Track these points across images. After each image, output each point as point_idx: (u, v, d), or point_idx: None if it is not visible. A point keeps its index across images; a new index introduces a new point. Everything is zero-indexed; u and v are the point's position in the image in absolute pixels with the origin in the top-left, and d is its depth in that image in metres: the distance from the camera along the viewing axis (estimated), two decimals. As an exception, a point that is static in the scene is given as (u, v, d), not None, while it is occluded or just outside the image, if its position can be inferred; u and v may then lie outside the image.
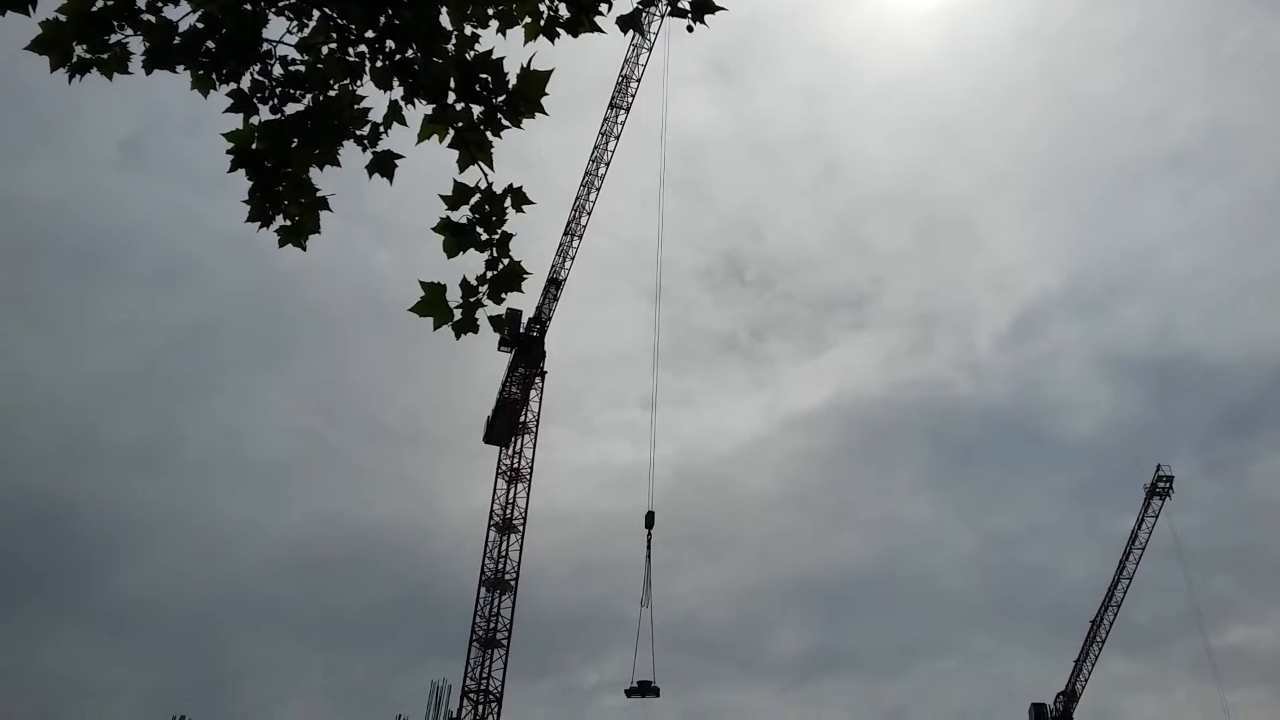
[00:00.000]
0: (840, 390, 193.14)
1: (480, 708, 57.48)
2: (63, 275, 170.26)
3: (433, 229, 5.73)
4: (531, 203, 5.83)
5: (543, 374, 68.17)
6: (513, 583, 61.63)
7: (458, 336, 5.72)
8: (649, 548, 54.31)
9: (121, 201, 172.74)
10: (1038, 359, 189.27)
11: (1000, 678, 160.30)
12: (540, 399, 67.85)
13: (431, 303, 5.67)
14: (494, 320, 5.81)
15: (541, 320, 67.76)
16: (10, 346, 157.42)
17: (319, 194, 5.85)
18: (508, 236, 5.78)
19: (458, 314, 5.73)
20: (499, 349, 67.19)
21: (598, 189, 66.75)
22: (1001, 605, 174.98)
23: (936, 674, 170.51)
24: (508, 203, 5.76)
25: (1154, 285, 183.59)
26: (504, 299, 5.81)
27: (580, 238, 66.63)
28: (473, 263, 5.75)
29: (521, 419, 66.99)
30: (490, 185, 5.72)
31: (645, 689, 43.04)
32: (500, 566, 61.77)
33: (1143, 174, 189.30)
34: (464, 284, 5.69)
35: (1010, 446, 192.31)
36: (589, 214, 66.96)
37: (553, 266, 66.87)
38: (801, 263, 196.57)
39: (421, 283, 5.64)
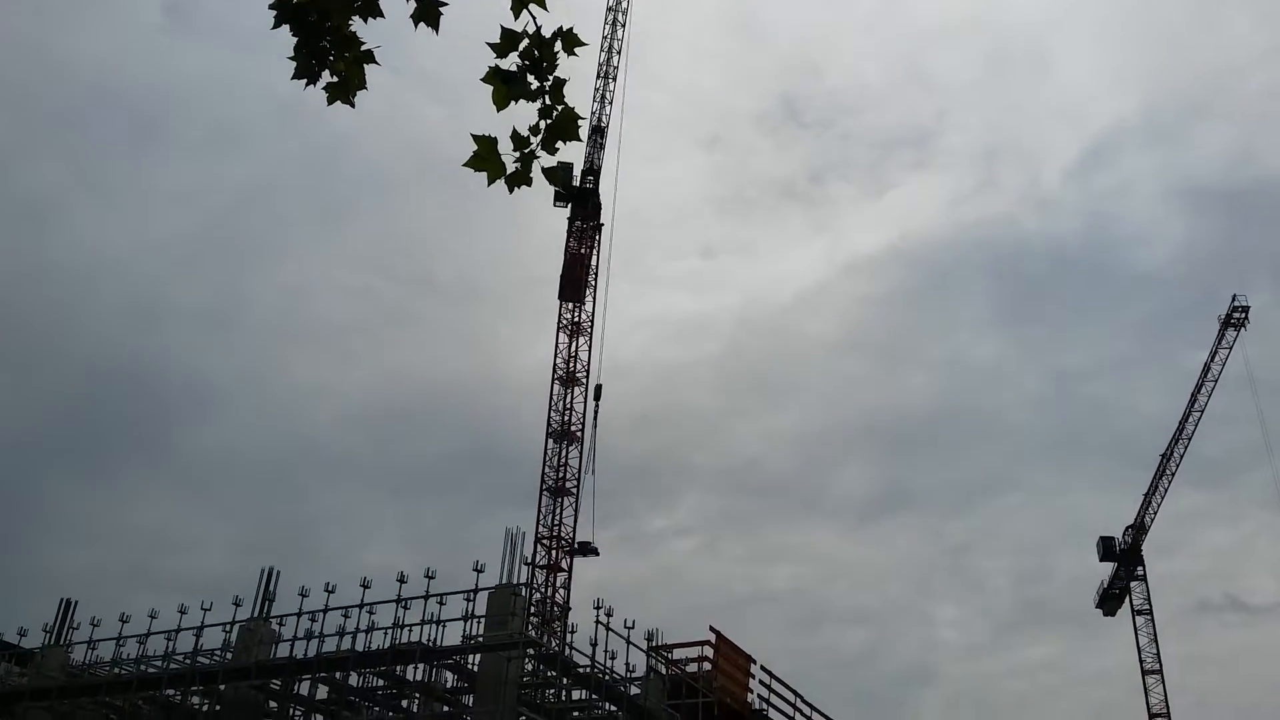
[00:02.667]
0: (903, 232, 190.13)
1: (553, 553, 59.41)
2: (118, 142, 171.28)
3: (481, 79, 5.49)
4: (584, 44, 5.59)
5: (599, 227, 67.86)
6: (578, 433, 62.82)
7: (511, 190, 5.55)
8: (595, 419, 55.27)
9: (169, 65, 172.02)
10: (1108, 191, 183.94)
11: (1067, 513, 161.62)
12: (598, 252, 67.77)
13: (484, 157, 5.47)
14: (548, 172, 5.61)
15: (594, 171, 67.08)
16: (73, 213, 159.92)
17: (364, 47, 5.68)
18: (560, 82, 5.54)
19: (512, 167, 5.53)
20: (555, 204, 66.83)
21: (623, 25, 65.46)
22: (1068, 442, 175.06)
23: (1001, 511, 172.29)
24: (558, 47, 5.51)
25: (1233, 109, 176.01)
26: (558, 149, 5.60)
27: (614, 80, 65.41)
28: (525, 116, 5.56)
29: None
30: (540, 29, 5.49)
31: (585, 549, 44.71)
32: (565, 418, 62.90)
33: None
34: (515, 136, 5.49)
35: (1078, 282, 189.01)
36: (619, 53, 65.67)
37: (592, 114, 65.88)
38: (862, 101, 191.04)
39: (474, 136, 5.45)
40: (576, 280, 66.48)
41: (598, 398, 56.34)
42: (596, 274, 67.30)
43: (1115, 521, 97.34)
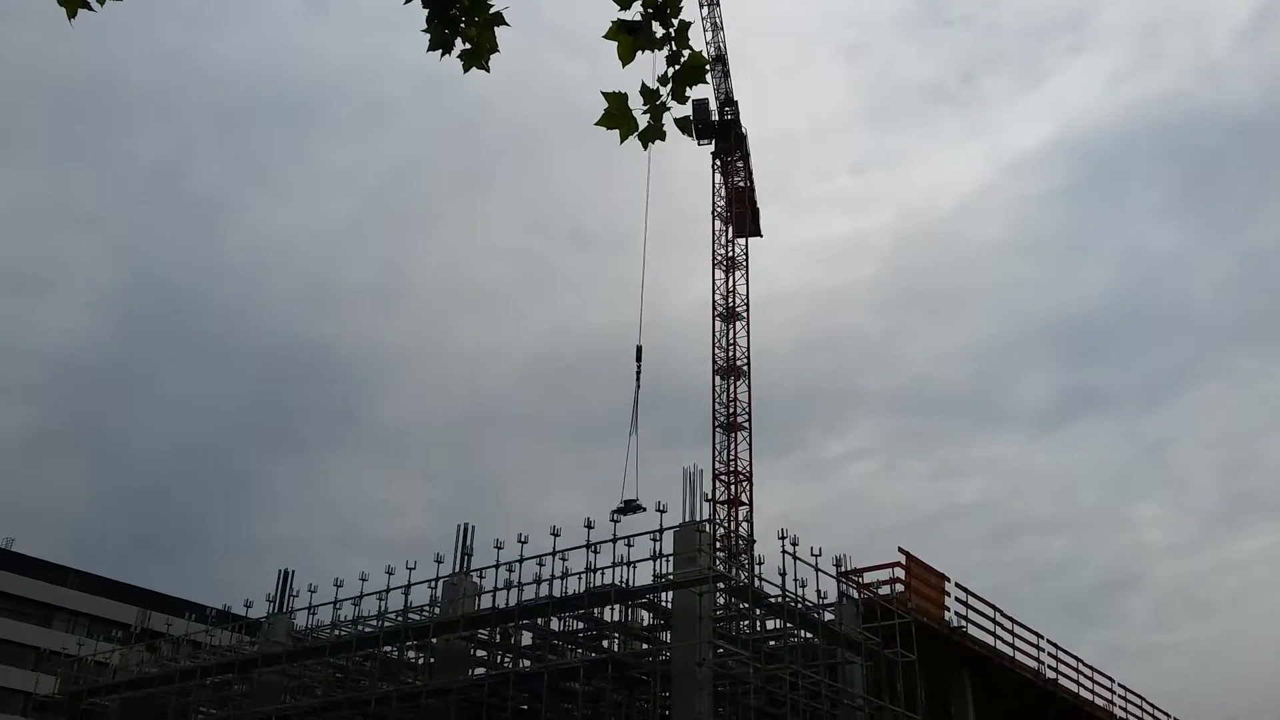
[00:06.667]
0: (1065, 122, 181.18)
1: (732, 488, 59.74)
2: (276, 133, 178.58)
3: (604, 36, 5.49)
4: (702, -19, 5.53)
5: (746, 156, 66.96)
6: (744, 367, 62.66)
7: (645, 146, 5.55)
8: (638, 380, 53.95)
9: (314, 52, 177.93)
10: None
11: (1269, 397, 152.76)
12: (748, 181, 66.93)
13: (615, 114, 5.49)
14: (680, 123, 5.58)
15: (731, 101, 65.98)
16: (245, 207, 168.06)
17: (493, 10, 5.77)
18: (685, 25, 5.51)
19: (644, 121, 5.53)
20: (699, 144, 66.14)
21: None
22: (1266, 323, 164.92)
23: (1200, 402, 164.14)
24: (680, -12, 5.46)
25: None
26: (688, 96, 5.58)
27: (718, 5, 63.61)
28: (652, 66, 5.50)
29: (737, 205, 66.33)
30: (659, -28, 5.44)
31: (630, 507, 44.42)
32: (730, 353, 62.79)
33: None
34: (644, 90, 5.48)
35: (1263, 152, 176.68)
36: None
37: (707, 44, 64.32)
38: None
39: (604, 94, 5.48)
40: (748, 214, 65.79)
41: (639, 359, 55.38)
42: (753, 205, 66.47)
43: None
